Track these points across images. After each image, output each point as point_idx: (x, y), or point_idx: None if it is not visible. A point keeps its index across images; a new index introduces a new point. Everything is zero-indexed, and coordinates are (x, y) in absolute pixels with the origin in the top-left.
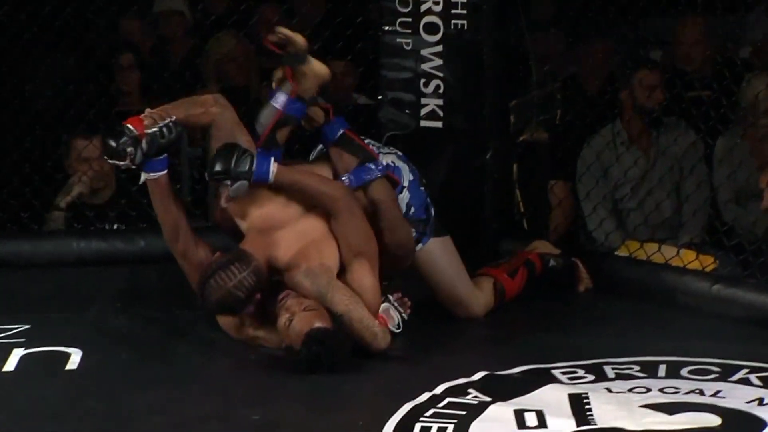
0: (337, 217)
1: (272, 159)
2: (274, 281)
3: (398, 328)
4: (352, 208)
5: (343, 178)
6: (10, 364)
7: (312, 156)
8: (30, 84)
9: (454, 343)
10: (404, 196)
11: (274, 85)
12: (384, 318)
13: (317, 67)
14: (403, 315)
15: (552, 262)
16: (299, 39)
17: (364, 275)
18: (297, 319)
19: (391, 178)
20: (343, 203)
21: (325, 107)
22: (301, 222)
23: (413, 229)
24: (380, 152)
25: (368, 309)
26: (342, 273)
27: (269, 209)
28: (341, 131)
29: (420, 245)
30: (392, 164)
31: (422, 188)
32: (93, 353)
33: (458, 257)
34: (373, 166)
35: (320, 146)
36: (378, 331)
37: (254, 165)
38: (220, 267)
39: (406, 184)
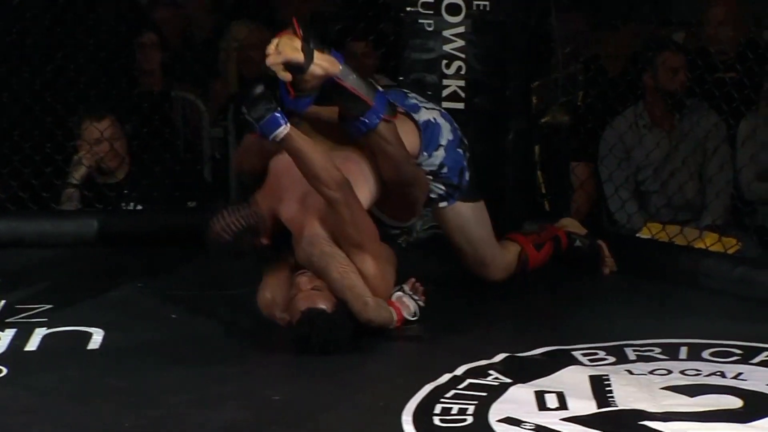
0: (333, 207)
1: (286, 123)
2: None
3: (414, 316)
4: (350, 200)
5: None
6: (33, 344)
7: None
8: (51, 63)
9: (474, 325)
10: (439, 154)
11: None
12: (398, 306)
13: (319, 71)
14: (419, 302)
15: (578, 242)
16: (293, 55)
17: (364, 266)
18: (300, 296)
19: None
20: (339, 195)
21: None
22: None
23: (442, 187)
24: (423, 107)
25: (375, 293)
26: None
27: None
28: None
29: (445, 203)
30: (433, 120)
31: (460, 150)
32: (115, 333)
33: (488, 222)
34: (366, 118)
35: None
36: (369, 300)
37: (266, 119)
38: (217, 211)
39: (444, 143)
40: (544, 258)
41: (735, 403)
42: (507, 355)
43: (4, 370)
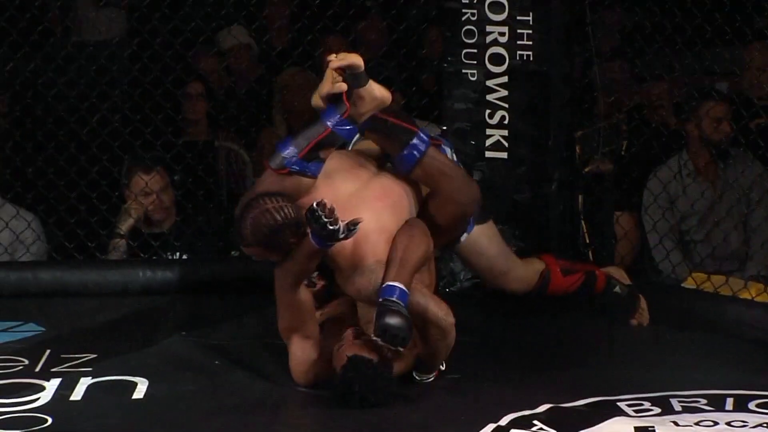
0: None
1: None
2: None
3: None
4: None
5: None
6: (78, 393)
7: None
8: (97, 113)
9: (515, 375)
10: None
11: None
12: None
13: (376, 92)
14: None
15: (617, 289)
16: (357, 60)
17: None
18: (345, 346)
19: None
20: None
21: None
22: (366, 211)
23: None
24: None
25: None
26: None
27: (340, 188)
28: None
29: (465, 235)
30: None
31: None
32: (159, 382)
33: (499, 237)
34: (417, 141)
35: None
36: (451, 321)
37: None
38: (267, 194)
39: None
40: (569, 286)
41: None
42: (550, 405)
43: (49, 420)
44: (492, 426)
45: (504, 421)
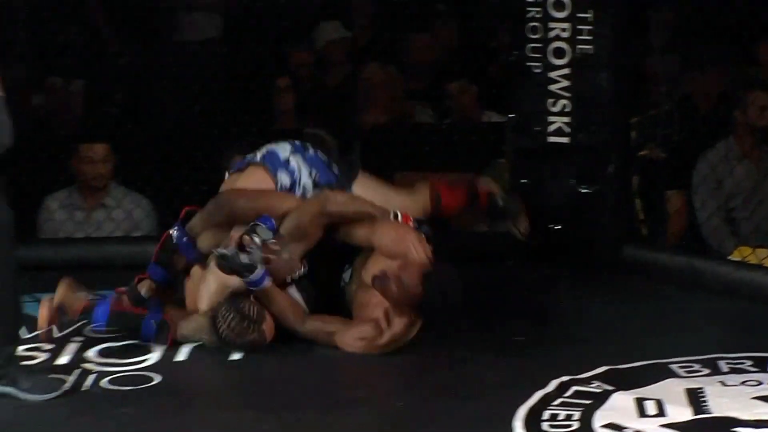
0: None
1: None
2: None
3: None
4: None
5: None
6: (182, 354)
7: None
8: (197, 104)
9: (574, 339)
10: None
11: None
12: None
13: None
14: None
15: (499, 200)
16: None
17: None
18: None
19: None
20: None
21: None
22: None
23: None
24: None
25: None
26: None
27: None
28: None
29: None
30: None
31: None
32: None
33: (375, 183)
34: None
35: None
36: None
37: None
38: (212, 323)
39: (286, 155)
40: (459, 200)
41: None
42: (608, 367)
43: (158, 378)
44: (556, 382)
45: (566, 379)
